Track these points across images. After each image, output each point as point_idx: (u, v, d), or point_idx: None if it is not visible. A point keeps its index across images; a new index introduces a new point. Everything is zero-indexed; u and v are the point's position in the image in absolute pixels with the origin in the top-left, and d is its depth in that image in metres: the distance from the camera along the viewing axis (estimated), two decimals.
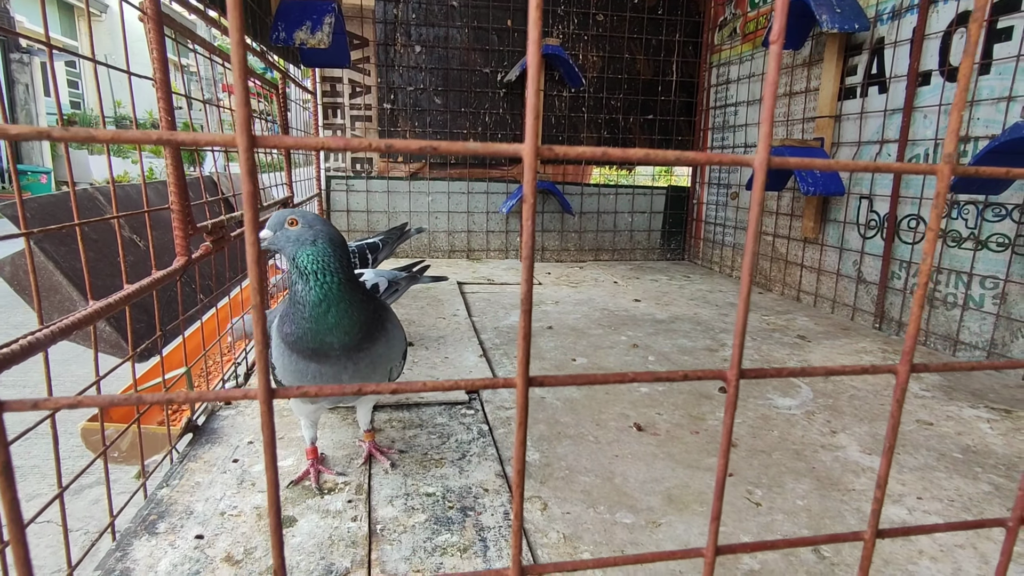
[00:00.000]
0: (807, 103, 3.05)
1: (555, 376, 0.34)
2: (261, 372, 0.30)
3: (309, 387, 0.32)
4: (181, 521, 1.09)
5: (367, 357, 1.09)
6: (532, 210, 0.31)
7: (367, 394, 1.26)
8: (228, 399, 0.33)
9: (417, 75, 3.77)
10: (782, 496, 1.26)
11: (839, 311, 2.84)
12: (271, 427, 0.31)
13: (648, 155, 0.32)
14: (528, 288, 0.32)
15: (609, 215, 4.18)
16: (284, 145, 0.29)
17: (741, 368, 0.36)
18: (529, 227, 0.31)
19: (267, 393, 0.30)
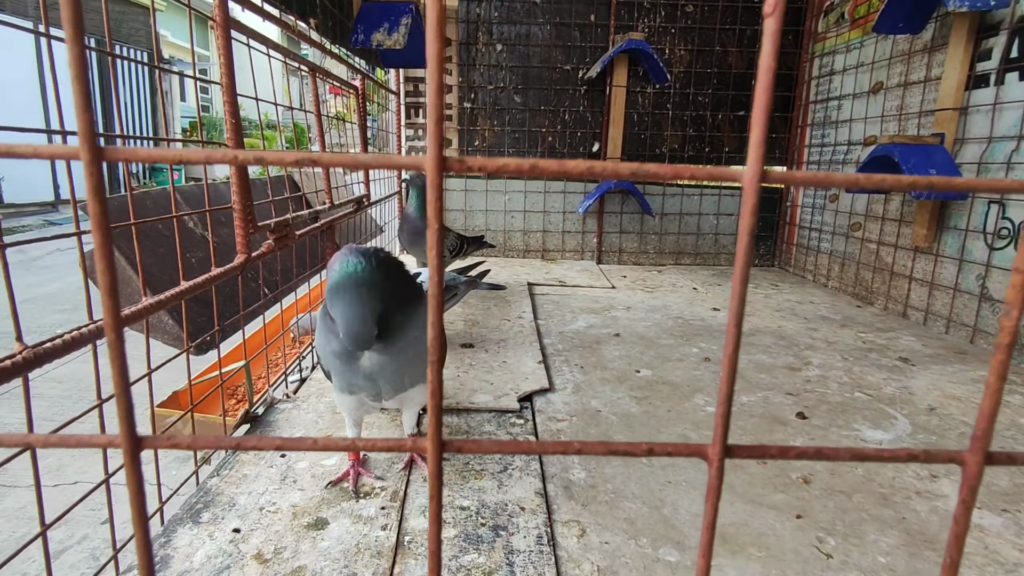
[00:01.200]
0: (925, 94, 2.71)
1: (474, 441, 0.27)
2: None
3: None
4: (223, 512, 1.13)
5: (405, 338, 1.05)
6: (437, 236, 0.24)
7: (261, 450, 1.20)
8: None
9: (497, 73, 3.76)
10: (860, 549, 1.10)
11: (955, 332, 2.50)
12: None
13: (592, 167, 0.25)
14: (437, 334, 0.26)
15: (692, 217, 3.96)
16: (137, 158, 0.25)
17: (727, 444, 0.28)
18: (434, 257, 0.25)
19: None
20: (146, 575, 0.27)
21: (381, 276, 0.97)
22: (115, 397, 0.25)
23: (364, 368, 1.08)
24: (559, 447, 0.27)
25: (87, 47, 0.28)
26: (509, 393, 1.71)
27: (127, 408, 0.25)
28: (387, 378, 1.10)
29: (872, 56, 3.10)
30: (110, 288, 0.24)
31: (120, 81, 10.35)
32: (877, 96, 3.05)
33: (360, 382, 1.10)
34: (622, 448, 0.28)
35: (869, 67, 3.11)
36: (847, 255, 3.28)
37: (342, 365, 1.09)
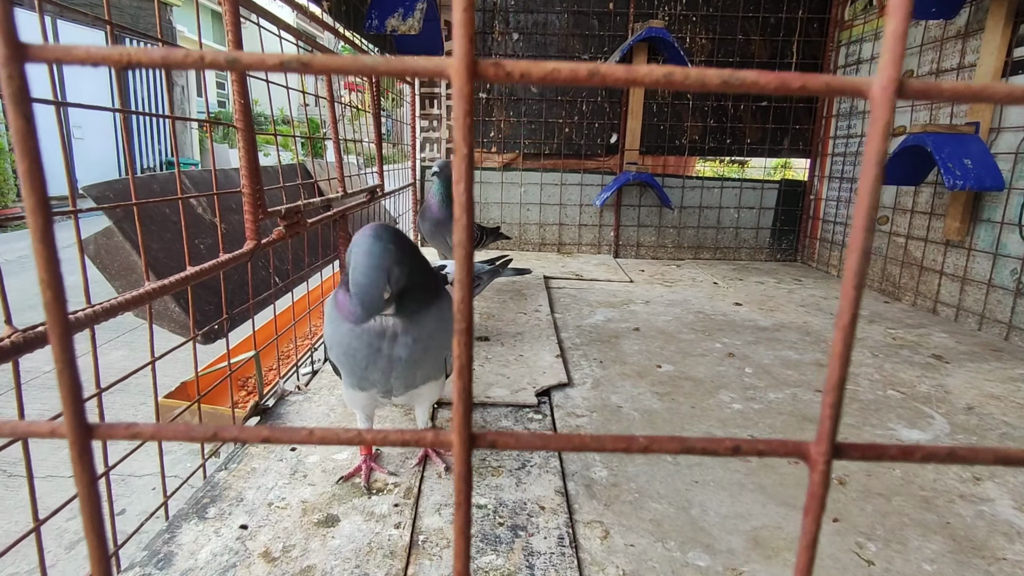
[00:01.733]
0: (959, 82, 2.59)
1: (511, 434, 0.21)
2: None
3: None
4: (231, 508, 1.08)
5: (419, 325, 1.02)
6: (467, 164, 0.18)
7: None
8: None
9: None
10: (903, 556, 1.03)
11: (989, 328, 2.39)
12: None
13: (671, 74, 0.19)
14: (466, 299, 0.20)
15: (712, 210, 3.87)
16: (71, 58, 0.19)
17: (835, 442, 0.22)
18: (462, 192, 0.19)
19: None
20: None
21: (399, 248, 0.93)
22: (57, 373, 0.20)
23: (376, 359, 1.02)
24: (620, 442, 0.21)
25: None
26: (526, 387, 1.65)
27: (72, 387, 0.20)
28: (399, 372, 1.04)
29: None
30: (42, 229, 0.19)
31: (137, 77, 10.42)
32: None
33: (371, 376, 1.05)
34: (699, 445, 0.22)
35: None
36: (874, 249, 3.17)
37: (342, 343, 1.03)
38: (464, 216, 0.19)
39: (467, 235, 0.19)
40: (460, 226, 0.19)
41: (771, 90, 0.19)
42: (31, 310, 3.90)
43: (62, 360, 0.20)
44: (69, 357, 0.20)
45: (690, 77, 0.19)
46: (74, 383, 0.20)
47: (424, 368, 1.08)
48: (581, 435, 0.21)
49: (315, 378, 1.70)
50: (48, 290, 0.19)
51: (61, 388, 0.20)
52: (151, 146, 10.72)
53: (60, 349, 0.20)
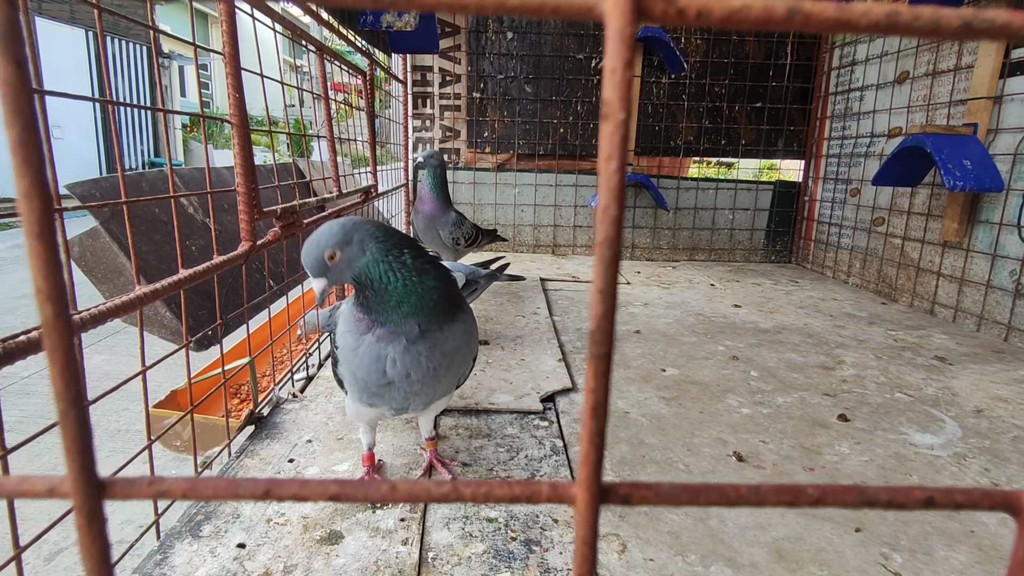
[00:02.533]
0: (956, 83, 2.60)
1: (649, 485, 0.17)
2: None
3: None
4: (227, 525, 1.02)
5: (445, 341, 1.00)
6: (621, 126, 0.14)
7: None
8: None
9: (508, 63, 3.65)
10: (931, 567, 0.99)
11: (987, 329, 2.39)
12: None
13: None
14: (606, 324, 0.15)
15: (707, 212, 3.85)
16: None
17: None
18: (617, 155, 0.14)
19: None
20: None
21: (423, 268, 0.95)
22: (59, 416, 0.15)
23: (396, 373, 0.98)
24: (785, 495, 0.17)
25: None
26: (531, 393, 1.60)
27: (79, 436, 0.15)
28: (420, 390, 1.01)
29: (897, 45, 2.98)
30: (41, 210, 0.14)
31: (119, 76, 10.22)
32: (903, 86, 2.94)
33: (388, 395, 1.01)
34: (884, 497, 0.17)
35: (894, 56, 2.99)
36: (869, 251, 3.17)
37: (374, 365, 0.98)
38: (614, 205, 0.14)
39: (615, 231, 0.14)
40: (609, 217, 0.14)
41: (829, 27, 0.15)
42: (8, 314, 3.78)
43: (65, 399, 0.15)
44: (74, 393, 0.15)
45: (920, 18, 0.14)
46: (81, 429, 0.15)
47: (444, 385, 1.05)
48: (737, 487, 0.17)
49: (311, 384, 1.64)
50: (48, 304, 0.14)
51: (64, 435, 0.15)
52: (134, 146, 10.52)
53: (63, 385, 0.15)
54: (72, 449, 0.15)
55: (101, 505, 0.16)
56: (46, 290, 0.14)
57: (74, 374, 0.15)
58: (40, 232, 0.14)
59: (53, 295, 0.14)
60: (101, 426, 2.27)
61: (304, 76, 15.05)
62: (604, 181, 0.14)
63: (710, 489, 0.17)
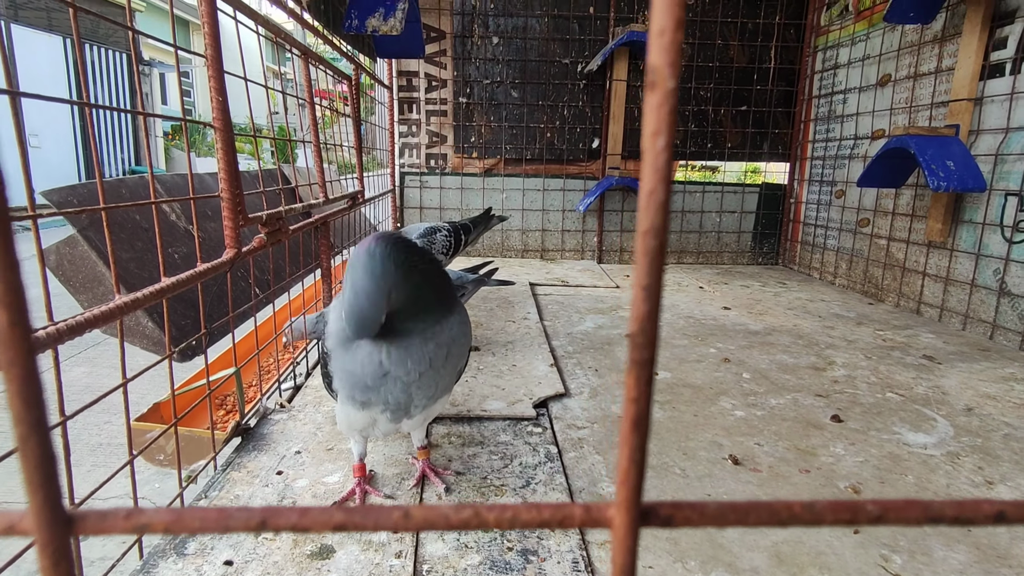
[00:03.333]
0: (937, 85, 2.63)
1: (692, 504, 0.15)
2: None
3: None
4: (213, 542, 0.99)
5: (442, 332, 0.98)
6: (671, 96, 0.12)
7: None
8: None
9: (494, 68, 3.64)
10: (931, 568, 0.98)
11: (973, 328, 2.42)
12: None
13: None
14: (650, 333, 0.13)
15: (695, 215, 3.87)
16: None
17: None
18: (655, 216, 0.12)
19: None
20: None
21: (400, 265, 0.86)
22: (20, 449, 0.12)
23: (392, 363, 0.95)
24: (843, 512, 0.15)
25: None
26: (523, 399, 1.58)
27: (40, 462, 0.13)
28: (417, 378, 0.97)
29: (879, 48, 3.02)
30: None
31: (98, 84, 10.06)
32: (885, 89, 2.98)
33: (383, 387, 0.97)
34: (951, 513, 0.15)
35: (876, 59, 3.03)
36: (855, 252, 3.19)
37: (369, 366, 0.95)
38: (661, 189, 0.12)
39: (662, 218, 0.12)
40: (655, 203, 0.12)
41: None
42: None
43: (26, 422, 0.13)
44: (36, 416, 0.13)
45: None
46: (44, 456, 0.13)
47: (444, 379, 1.03)
48: (789, 504, 0.15)
49: (299, 394, 1.60)
50: (2, 311, 0.12)
51: (24, 464, 0.13)
52: (114, 155, 10.36)
53: (22, 405, 0.13)
54: (34, 480, 0.13)
55: (68, 543, 0.14)
56: (0, 294, 0.12)
57: (36, 393, 0.13)
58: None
59: (7, 300, 0.12)
60: (82, 440, 2.21)
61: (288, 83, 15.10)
62: (650, 161, 0.12)
63: (760, 508, 0.15)
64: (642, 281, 0.13)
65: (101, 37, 10.32)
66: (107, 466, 2.05)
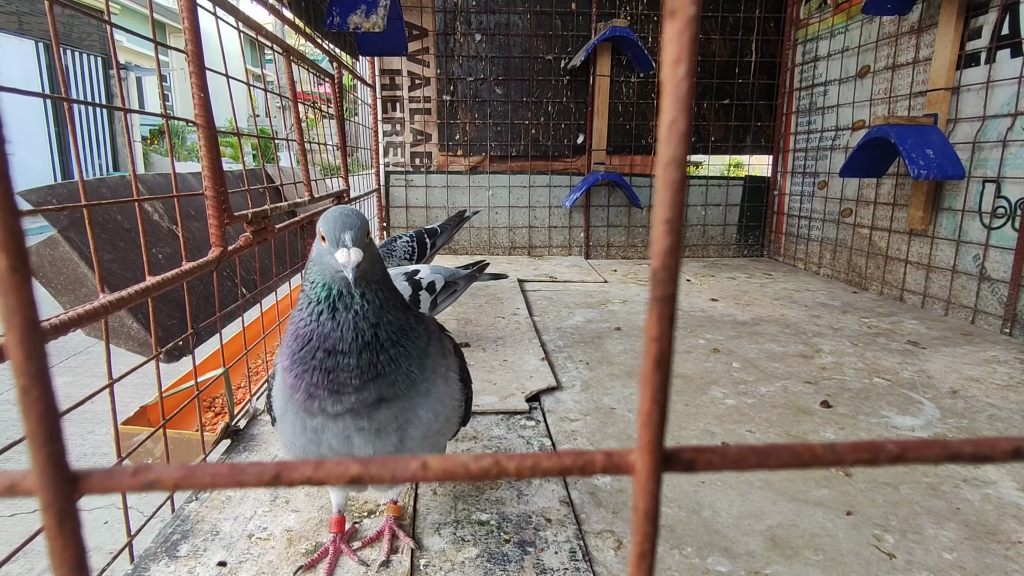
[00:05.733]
0: (915, 76, 2.67)
1: (715, 448, 0.15)
2: None
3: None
4: (205, 543, 0.97)
5: (396, 411, 0.78)
6: (687, 80, 0.12)
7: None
8: None
9: (477, 65, 3.63)
10: (922, 546, 1.00)
11: (955, 313, 2.46)
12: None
13: None
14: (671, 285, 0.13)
15: None
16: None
17: None
18: (676, 148, 0.12)
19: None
20: None
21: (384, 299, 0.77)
22: (21, 403, 0.12)
23: (333, 440, 0.78)
24: (864, 452, 0.15)
25: None
26: (515, 393, 1.58)
27: (43, 418, 0.12)
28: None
29: (857, 40, 3.06)
30: None
31: (73, 88, 9.87)
32: (864, 80, 3.02)
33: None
34: (968, 450, 0.15)
35: (855, 51, 3.07)
36: (839, 242, 3.23)
37: (301, 437, 0.79)
38: (682, 119, 0.12)
39: (683, 149, 0.12)
40: (677, 133, 0.12)
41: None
42: None
43: (27, 373, 0.12)
44: (38, 367, 0.12)
45: None
46: (47, 410, 0.12)
47: (409, 452, 0.83)
48: (811, 446, 0.15)
49: None
50: (2, 253, 0.12)
51: (27, 419, 0.12)
52: (91, 159, 10.17)
53: (23, 356, 0.12)
54: (36, 436, 0.13)
55: (73, 502, 0.13)
56: (1, 240, 0.12)
57: (38, 343, 0.12)
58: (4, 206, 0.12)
59: (7, 244, 0.12)
60: (83, 447, 2.17)
61: (270, 84, 14.85)
62: (671, 90, 0.12)
63: (781, 450, 0.15)
64: (663, 215, 0.13)
65: (75, 41, 10.13)
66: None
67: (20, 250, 0.12)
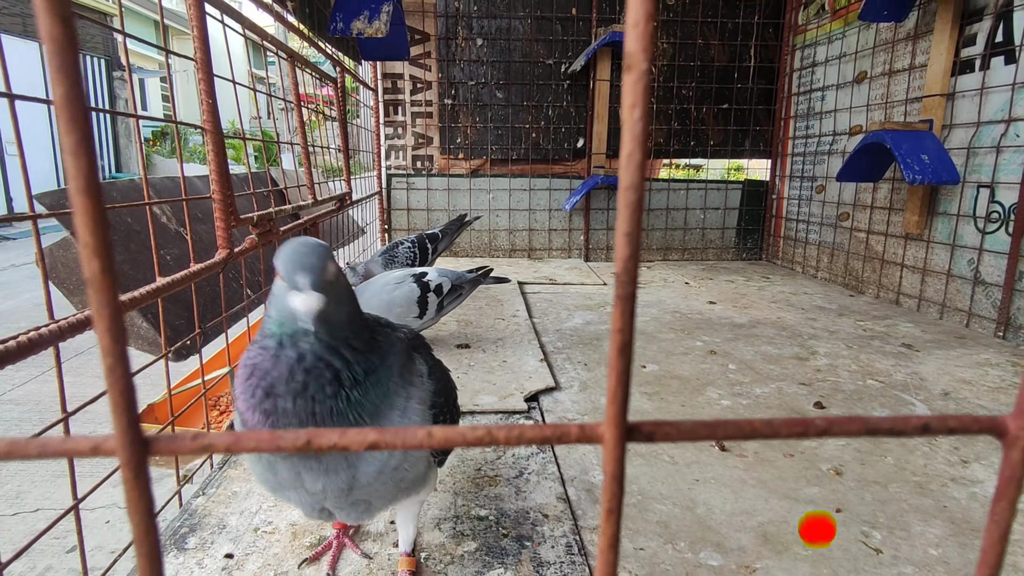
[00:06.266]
0: (911, 82, 2.71)
1: (671, 423, 0.18)
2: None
3: None
4: (213, 536, 1.00)
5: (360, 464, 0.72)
6: (644, 77, 0.15)
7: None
8: None
9: (478, 69, 3.67)
10: (908, 542, 1.03)
11: (950, 316, 2.49)
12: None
13: None
14: (630, 280, 0.16)
15: (679, 212, 3.92)
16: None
17: None
18: (633, 175, 0.15)
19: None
20: None
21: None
22: (105, 374, 0.15)
23: (296, 476, 0.72)
24: (795, 427, 0.18)
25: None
26: (514, 393, 1.61)
27: (124, 391, 0.15)
28: (332, 494, 0.73)
29: (855, 46, 3.09)
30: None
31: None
32: (861, 86, 3.05)
33: (292, 495, 0.76)
34: (885, 425, 0.18)
35: (852, 57, 3.11)
36: (836, 245, 3.26)
37: (259, 462, 0.75)
38: (638, 152, 0.15)
39: (639, 176, 0.15)
40: (634, 163, 0.15)
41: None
42: (16, 331, 3.63)
43: (112, 354, 0.15)
44: (120, 350, 0.15)
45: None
46: (127, 385, 0.16)
47: (386, 497, 0.78)
48: (751, 421, 0.18)
49: None
50: (95, 258, 0.15)
51: (111, 391, 0.15)
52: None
53: (110, 340, 0.15)
54: (119, 406, 0.16)
55: (146, 461, 0.16)
56: (92, 245, 0.15)
57: (120, 330, 0.15)
58: (86, 188, 0.15)
59: (100, 252, 0.15)
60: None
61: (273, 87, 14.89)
62: (628, 128, 0.15)
63: (727, 424, 0.18)
64: (624, 229, 0.16)
65: (81, 43, 10.17)
66: (94, 475, 2.04)
67: (109, 255, 0.15)
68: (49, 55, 0.14)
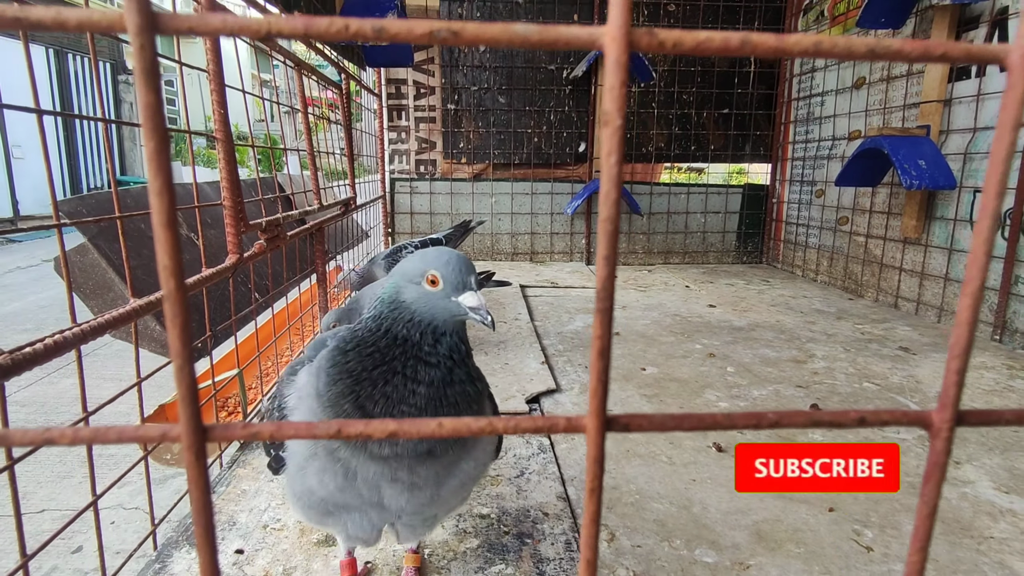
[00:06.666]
0: (908, 88, 2.74)
1: (645, 416, 0.21)
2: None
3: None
4: (223, 533, 1.04)
5: (439, 467, 0.73)
6: (619, 133, 0.18)
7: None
8: None
9: (481, 74, 3.71)
10: (899, 540, 1.06)
11: (947, 320, 2.51)
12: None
13: (819, 44, 0.19)
14: (607, 286, 0.19)
15: (680, 216, 3.95)
16: (204, 29, 0.18)
17: (959, 408, 0.22)
18: (610, 209, 0.18)
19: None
20: None
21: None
22: (175, 373, 0.18)
23: (375, 491, 0.72)
24: (750, 419, 0.21)
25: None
26: (516, 395, 1.64)
27: (190, 387, 0.18)
28: (411, 511, 0.75)
29: None
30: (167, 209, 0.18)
31: (82, 94, 10.00)
32: (860, 91, 3.08)
33: (350, 518, 0.76)
34: (827, 418, 0.22)
35: (851, 63, 3.14)
36: (835, 249, 3.29)
37: (333, 480, 0.71)
38: (614, 191, 0.18)
39: (615, 211, 0.18)
40: (610, 201, 0.18)
41: (914, 57, 0.19)
42: (23, 332, 3.69)
43: (181, 356, 0.19)
44: (188, 354, 0.19)
45: (838, 46, 0.19)
46: (191, 383, 0.19)
47: (447, 507, 0.81)
48: (713, 414, 0.21)
49: None
50: (171, 278, 0.18)
51: (179, 385, 0.19)
52: (98, 165, 10.28)
53: (182, 347, 0.18)
54: (185, 399, 0.19)
55: (204, 445, 0.20)
56: (170, 267, 0.18)
57: (188, 336, 0.19)
58: (167, 222, 0.18)
59: (175, 271, 0.18)
60: (74, 451, 2.23)
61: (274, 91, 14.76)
62: (606, 171, 0.18)
63: (691, 417, 0.21)
64: (603, 253, 0.19)
65: (84, 47, 10.25)
66: (103, 479, 2.07)
67: (181, 274, 0.18)
68: (137, 72, 0.17)
